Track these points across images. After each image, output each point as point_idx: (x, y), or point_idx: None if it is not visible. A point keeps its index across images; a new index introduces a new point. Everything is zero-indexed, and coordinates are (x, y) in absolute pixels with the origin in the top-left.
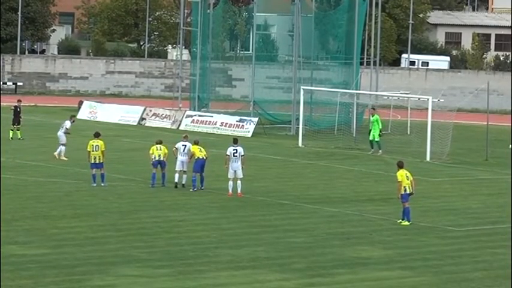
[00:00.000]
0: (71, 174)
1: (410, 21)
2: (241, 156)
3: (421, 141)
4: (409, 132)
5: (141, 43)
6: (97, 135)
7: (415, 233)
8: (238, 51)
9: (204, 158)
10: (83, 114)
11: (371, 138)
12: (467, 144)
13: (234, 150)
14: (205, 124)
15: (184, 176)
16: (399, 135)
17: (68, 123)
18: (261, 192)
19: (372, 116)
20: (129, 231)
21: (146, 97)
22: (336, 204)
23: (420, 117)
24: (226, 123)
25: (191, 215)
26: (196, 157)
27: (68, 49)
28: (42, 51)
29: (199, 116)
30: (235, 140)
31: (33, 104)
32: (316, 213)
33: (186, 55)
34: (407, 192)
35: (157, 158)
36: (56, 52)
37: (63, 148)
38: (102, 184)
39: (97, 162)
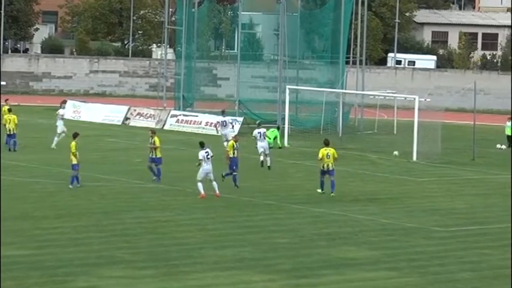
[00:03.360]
0: (54, 174)
1: (397, 20)
2: (211, 157)
3: (407, 141)
4: (395, 132)
5: (125, 42)
6: (75, 136)
7: (401, 233)
8: (223, 50)
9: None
10: (67, 114)
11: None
12: (454, 144)
13: (206, 153)
14: (190, 124)
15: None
16: (385, 135)
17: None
18: (246, 192)
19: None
20: (112, 232)
21: (130, 96)
22: (322, 204)
23: (407, 117)
24: (212, 123)
25: (176, 216)
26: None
27: (52, 48)
28: (26, 50)
29: (184, 115)
30: (203, 144)
31: (16, 104)
32: (302, 213)
33: (170, 54)
34: (324, 169)
35: (150, 155)
36: (39, 51)
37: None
38: (78, 185)
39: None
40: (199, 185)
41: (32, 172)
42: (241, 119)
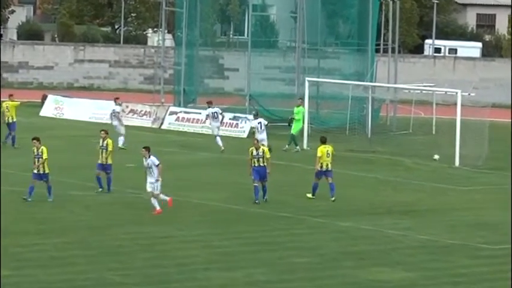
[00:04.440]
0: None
1: (435, 0)
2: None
3: (448, 143)
4: (434, 132)
5: (116, 26)
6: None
7: (442, 251)
8: (231, 36)
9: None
10: (47, 110)
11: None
12: (503, 147)
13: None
14: (192, 122)
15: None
16: (422, 136)
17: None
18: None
19: (298, 107)
20: (101, 249)
21: (122, 90)
22: (348, 217)
23: (447, 115)
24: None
25: (176, 231)
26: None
27: (30, 34)
28: None
29: (185, 112)
30: (148, 148)
31: None
32: (324, 228)
33: (169, 41)
34: (323, 169)
35: (99, 161)
36: (15, 37)
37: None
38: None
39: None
40: (162, 196)
41: (8, 179)
42: (252, 116)
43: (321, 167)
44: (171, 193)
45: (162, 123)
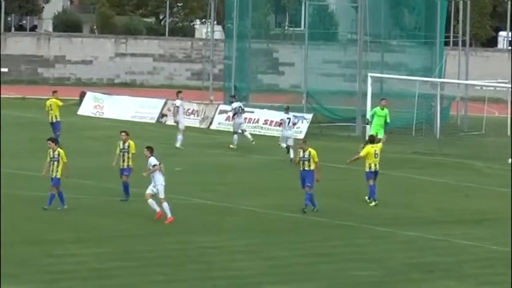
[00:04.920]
0: (70, 186)
1: None
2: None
3: None
4: (509, 133)
5: (161, 17)
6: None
7: None
8: (286, 27)
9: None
10: (86, 109)
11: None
12: None
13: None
14: (244, 122)
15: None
16: (496, 137)
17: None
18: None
19: (382, 109)
20: (146, 260)
21: (167, 87)
22: (415, 226)
23: None
24: (272, 121)
25: (226, 240)
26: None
27: (66, 25)
28: (33, 28)
29: None
30: (151, 148)
31: (20, 96)
32: (389, 238)
33: (218, 33)
34: (372, 170)
35: (121, 166)
36: (50, 29)
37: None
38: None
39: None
40: (149, 201)
41: (40, 183)
42: (309, 116)
43: (370, 167)
44: (221, 199)
45: (211, 123)
